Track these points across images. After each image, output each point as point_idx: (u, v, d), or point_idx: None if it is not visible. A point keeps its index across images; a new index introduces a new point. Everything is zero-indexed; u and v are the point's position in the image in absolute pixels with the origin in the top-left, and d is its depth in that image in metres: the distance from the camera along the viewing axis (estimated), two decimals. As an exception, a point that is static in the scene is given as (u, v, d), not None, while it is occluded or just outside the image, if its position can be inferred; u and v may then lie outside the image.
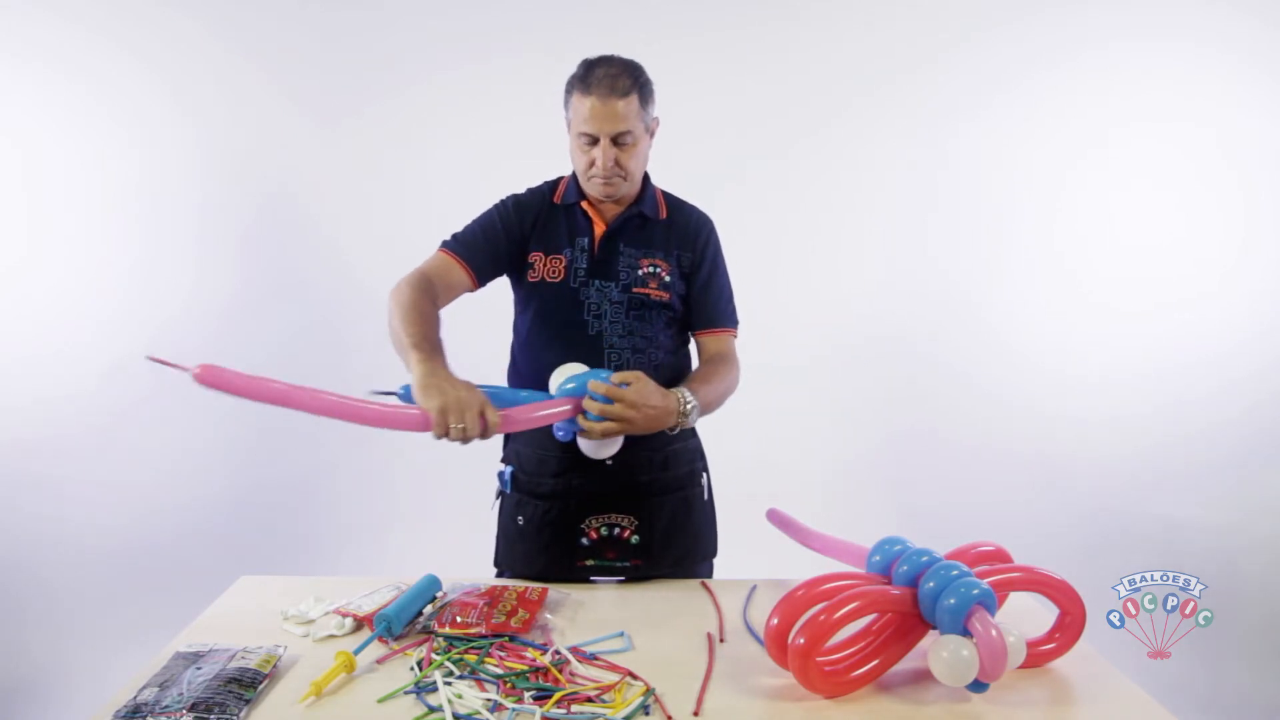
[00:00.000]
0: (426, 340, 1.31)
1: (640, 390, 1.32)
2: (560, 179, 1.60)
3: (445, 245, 1.53)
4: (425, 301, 1.39)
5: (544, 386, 1.49)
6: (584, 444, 1.40)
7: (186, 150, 2.43)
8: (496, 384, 1.46)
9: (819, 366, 2.57)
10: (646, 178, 1.58)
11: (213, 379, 1.12)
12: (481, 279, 1.52)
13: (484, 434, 1.20)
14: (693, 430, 1.64)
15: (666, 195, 1.61)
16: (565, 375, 1.38)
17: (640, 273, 1.51)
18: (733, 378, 1.56)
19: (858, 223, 2.59)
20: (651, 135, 1.54)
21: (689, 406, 1.39)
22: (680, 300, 1.55)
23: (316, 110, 2.47)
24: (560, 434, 1.45)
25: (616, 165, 1.45)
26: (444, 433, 1.18)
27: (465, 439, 1.19)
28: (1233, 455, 2.48)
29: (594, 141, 1.44)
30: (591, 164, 1.46)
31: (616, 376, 1.33)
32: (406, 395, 1.31)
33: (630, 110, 1.43)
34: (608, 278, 1.50)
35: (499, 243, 1.52)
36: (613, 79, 1.41)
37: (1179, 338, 2.50)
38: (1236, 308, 2.48)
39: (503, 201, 1.57)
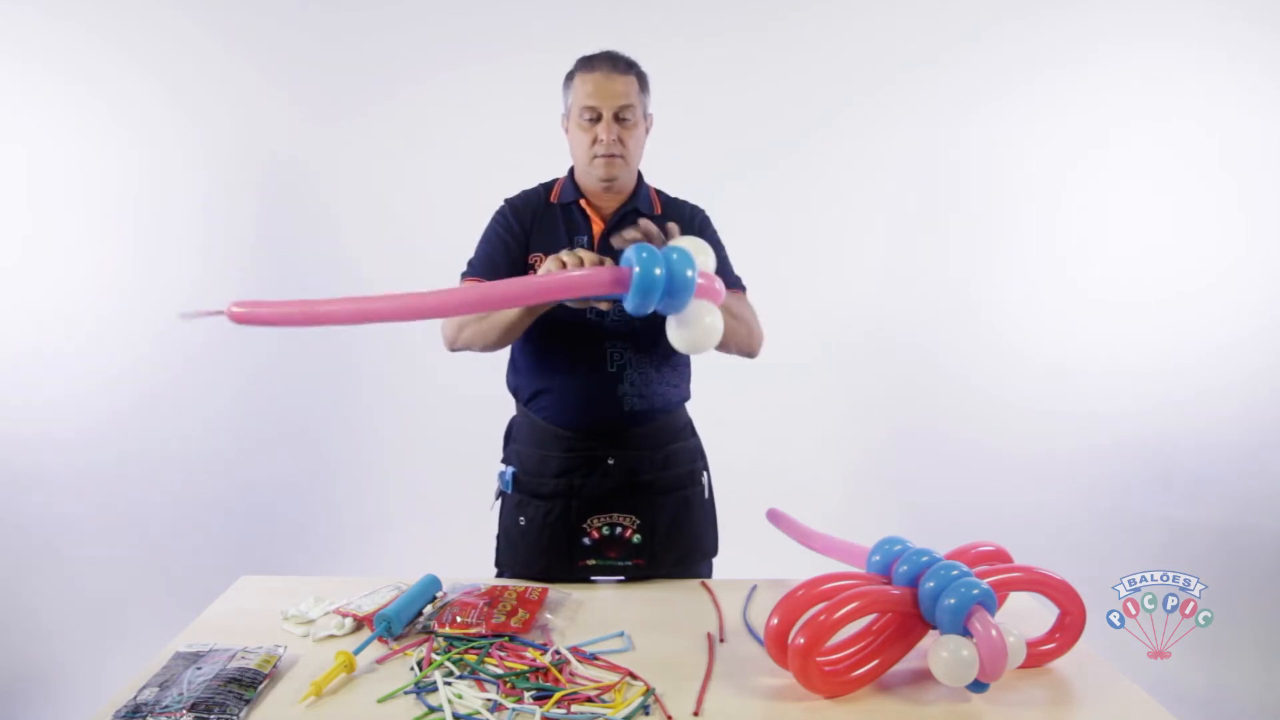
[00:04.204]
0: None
1: None
2: (555, 180, 1.60)
3: (466, 274, 1.54)
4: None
5: (541, 385, 1.50)
6: (679, 336, 1.18)
7: (187, 150, 2.42)
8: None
9: (819, 366, 2.57)
10: (640, 176, 1.59)
11: (248, 316, 1.07)
12: None
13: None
14: (693, 430, 1.65)
15: (659, 192, 1.62)
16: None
17: None
18: (751, 313, 1.56)
19: (859, 222, 2.59)
20: (647, 130, 1.55)
21: None
22: None
23: (317, 110, 2.46)
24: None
25: (619, 143, 1.47)
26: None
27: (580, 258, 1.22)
28: (1233, 455, 2.47)
29: (596, 119, 1.47)
30: (594, 141, 1.47)
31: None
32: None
33: (631, 89, 1.48)
34: None
35: (512, 253, 1.53)
36: (614, 59, 1.49)
37: (1180, 337, 2.50)
38: (1236, 307, 2.47)
39: (499, 211, 1.58)
